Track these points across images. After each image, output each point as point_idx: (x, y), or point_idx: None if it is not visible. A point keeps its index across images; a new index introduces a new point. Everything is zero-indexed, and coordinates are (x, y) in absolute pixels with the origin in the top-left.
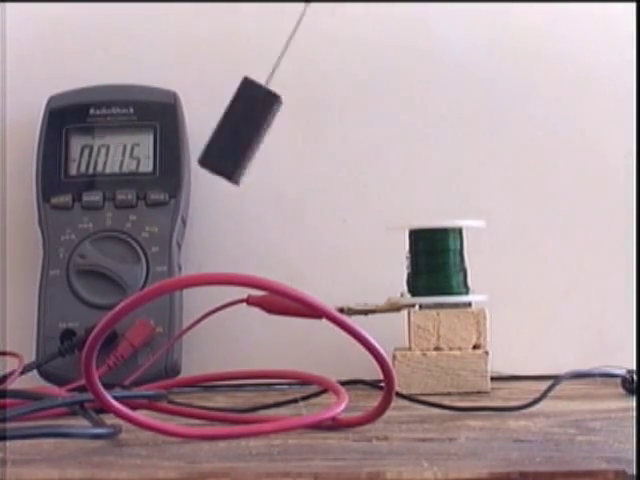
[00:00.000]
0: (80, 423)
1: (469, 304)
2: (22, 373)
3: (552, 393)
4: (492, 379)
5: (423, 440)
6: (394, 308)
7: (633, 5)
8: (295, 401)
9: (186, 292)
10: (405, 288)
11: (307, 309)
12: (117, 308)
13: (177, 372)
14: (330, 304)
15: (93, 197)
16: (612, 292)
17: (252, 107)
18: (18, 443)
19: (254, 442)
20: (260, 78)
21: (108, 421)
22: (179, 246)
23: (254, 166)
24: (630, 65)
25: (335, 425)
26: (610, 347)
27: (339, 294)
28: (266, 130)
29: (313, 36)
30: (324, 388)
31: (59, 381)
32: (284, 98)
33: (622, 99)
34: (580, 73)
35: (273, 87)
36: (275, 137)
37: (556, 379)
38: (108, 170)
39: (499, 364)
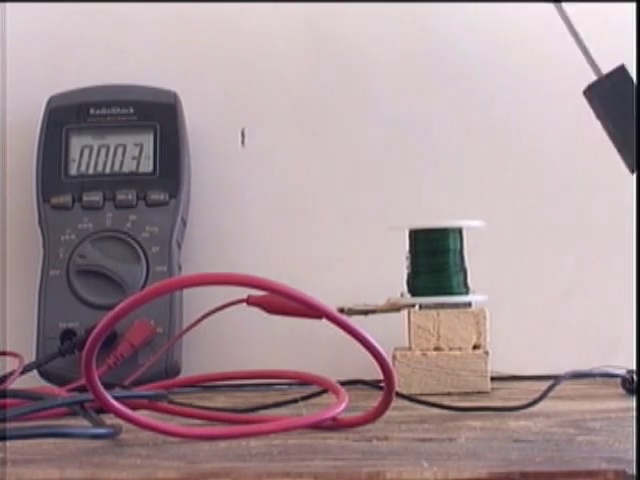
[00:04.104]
0: (80, 423)
1: (469, 304)
2: (22, 373)
3: (552, 393)
4: (492, 379)
5: (423, 440)
6: (394, 308)
7: (633, 5)
8: (295, 401)
9: (186, 292)
10: (405, 288)
11: (307, 309)
12: (117, 308)
13: (177, 372)
14: (330, 304)
15: (93, 197)
16: (612, 292)
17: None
18: (18, 443)
19: (254, 442)
20: (263, 78)
21: (108, 421)
22: (179, 246)
23: (254, 166)
24: (631, 65)
25: (335, 425)
26: (610, 347)
27: (339, 294)
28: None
29: (314, 35)
30: (324, 388)
31: (59, 381)
32: (284, 97)
33: None
34: (580, 74)
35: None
36: (276, 137)
37: (556, 379)
38: (108, 170)
39: (499, 364)
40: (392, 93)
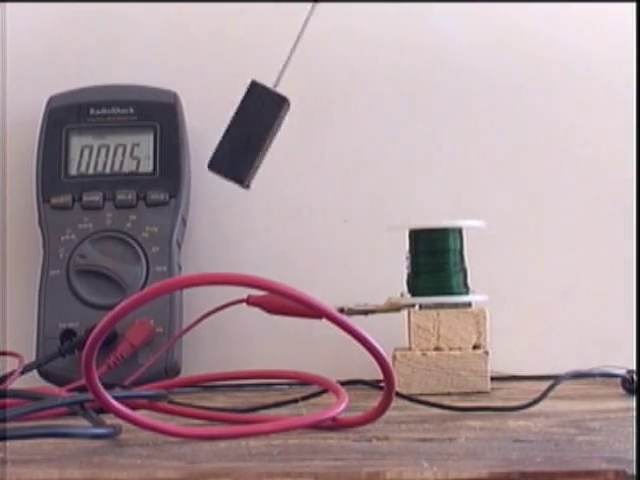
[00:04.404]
0: (80, 423)
1: (469, 304)
2: (22, 373)
3: (552, 393)
4: (492, 379)
5: (423, 440)
6: (394, 308)
7: (633, 5)
8: (295, 401)
9: (186, 292)
10: (405, 288)
11: (307, 309)
12: (117, 308)
13: (177, 372)
14: (330, 304)
15: (93, 197)
16: (612, 292)
17: (261, 110)
18: (18, 443)
19: (254, 442)
20: (263, 79)
21: (108, 421)
22: (179, 246)
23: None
24: (631, 65)
25: (335, 425)
26: (610, 347)
27: (339, 294)
28: (275, 133)
29: (314, 35)
30: (324, 388)
31: (59, 381)
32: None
33: (623, 99)
34: (580, 73)
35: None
36: (276, 136)
37: (556, 379)
38: (108, 170)
39: (499, 364)
40: (392, 93)
